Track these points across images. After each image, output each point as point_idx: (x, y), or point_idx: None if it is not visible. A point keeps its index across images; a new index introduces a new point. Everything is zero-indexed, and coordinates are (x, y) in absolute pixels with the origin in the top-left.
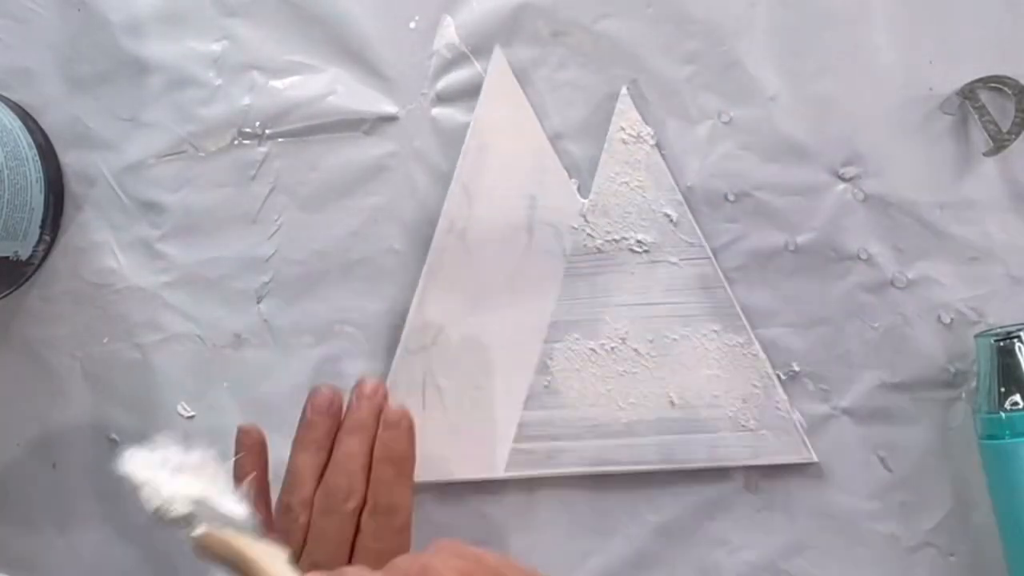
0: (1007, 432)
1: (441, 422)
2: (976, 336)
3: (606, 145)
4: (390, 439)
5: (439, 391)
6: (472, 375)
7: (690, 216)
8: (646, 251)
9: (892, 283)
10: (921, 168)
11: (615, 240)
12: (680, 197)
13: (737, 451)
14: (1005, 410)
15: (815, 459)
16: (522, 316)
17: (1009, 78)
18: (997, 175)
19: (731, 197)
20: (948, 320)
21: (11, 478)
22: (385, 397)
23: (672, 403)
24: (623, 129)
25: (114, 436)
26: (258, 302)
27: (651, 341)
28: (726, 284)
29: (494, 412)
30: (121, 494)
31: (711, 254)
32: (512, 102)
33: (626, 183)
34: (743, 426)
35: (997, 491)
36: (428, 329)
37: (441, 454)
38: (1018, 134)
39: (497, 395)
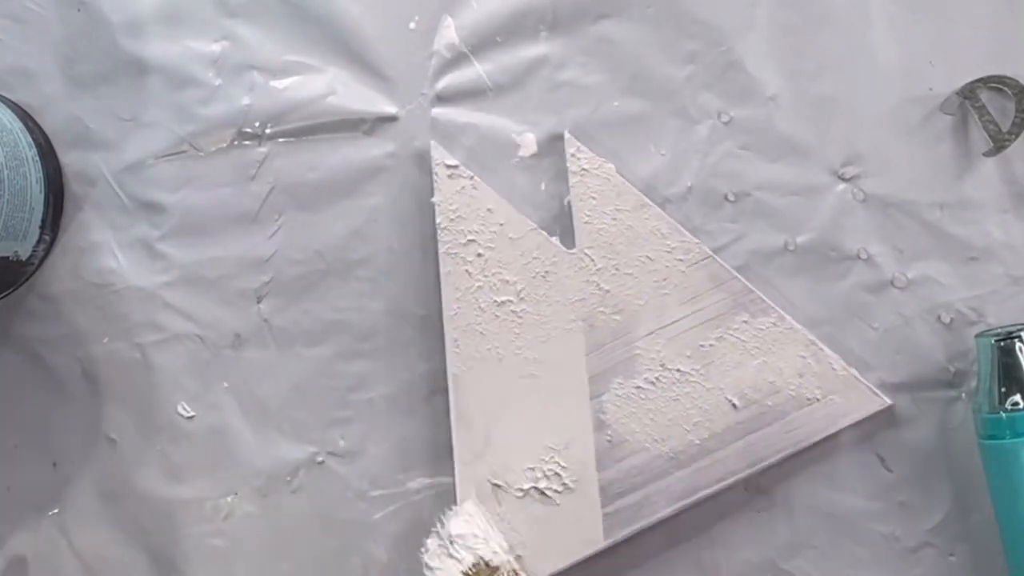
0: (1007, 432)
1: (523, 518)
2: (976, 336)
3: (571, 191)
4: None
5: (509, 490)
6: (535, 461)
7: (678, 224)
8: (651, 272)
9: (892, 283)
10: (921, 168)
11: (616, 274)
12: (660, 210)
13: (815, 425)
14: (1005, 410)
15: (889, 402)
16: (559, 384)
17: (1009, 78)
18: (997, 175)
19: (731, 197)
20: (948, 320)
21: (11, 478)
22: None
23: (735, 406)
24: (582, 169)
25: (113, 436)
26: (258, 302)
27: (689, 356)
28: (735, 273)
29: (570, 490)
30: (121, 494)
31: (710, 251)
32: (466, 192)
33: (605, 218)
34: (809, 399)
35: (997, 491)
36: (475, 434)
37: (537, 550)
38: (1018, 134)
39: (566, 471)
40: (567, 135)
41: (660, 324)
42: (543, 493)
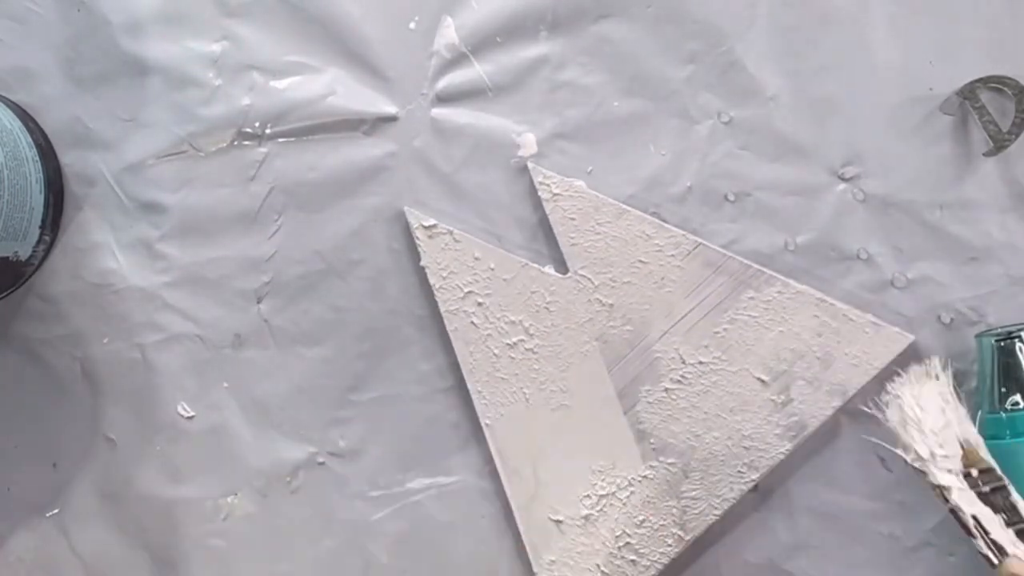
0: (1007, 432)
1: (592, 550)
2: (976, 336)
3: (549, 217)
4: None
5: (570, 522)
6: (587, 487)
7: (660, 220)
8: (648, 275)
9: (892, 283)
10: (921, 168)
11: (615, 287)
12: (640, 213)
13: (849, 378)
14: (1005, 410)
15: (912, 337)
16: (591, 407)
17: (1009, 78)
18: (997, 175)
19: (731, 197)
20: (948, 320)
21: (11, 478)
22: None
23: (764, 382)
24: (553, 195)
25: (113, 436)
26: (258, 302)
27: (707, 346)
28: (729, 253)
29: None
30: (121, 494)
31: (698, 239)
32: (450, 248)
33: (588, 235)
34: (835, 355)
35: None
36: (524, 478)
37: (613, 571)
38: (1018, 134)
39: (621, 490)
40: (531, 165)
41: (671, 323)
42: (604, 515)
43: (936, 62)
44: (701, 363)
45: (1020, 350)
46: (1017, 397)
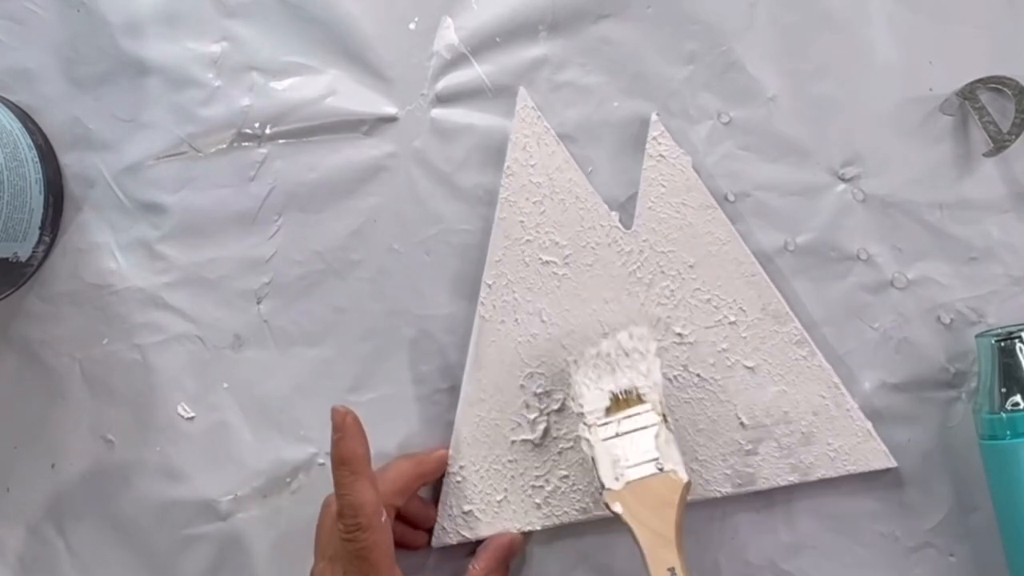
0: (1007, 432)
1: (506, 474)
2: (976, 336)
3: (643, 173)
4: (339, 441)
5: (506, 437)
6: (537, 414)
7: (740, 235)
8: (698, 274)
9: (892, 283)
10: (921, 168)
11: (663, 265)
12: (724, 216)
13: (815, 465)
14: (1006, 410)
15: (894, 464)
16: (577, 351)
17: (1009, 78)
18: (997, 175)
19: (731, 197)
20: (948, 320)
21: (11, 478)
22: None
23: (743, 424)
24: (659, 155)
25: (112, 437)
26: (258, 302)
27: (712, 364)
28: (781, 298)
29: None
30: (120, 495)
31: (763, 270)
32: (543, 144)
33: (668, 208)
34: (817, 439)
35: (997, 491)
36: (486, 378)
37: (530, 504)
38: (1018, 134)
39: (562, 440)
40: (654, 117)
41: (693, 327)
42: (539, 444)
43: (936, 62)
44: (699, 376)
45: (1020, 350)
46: (1017, 397)
